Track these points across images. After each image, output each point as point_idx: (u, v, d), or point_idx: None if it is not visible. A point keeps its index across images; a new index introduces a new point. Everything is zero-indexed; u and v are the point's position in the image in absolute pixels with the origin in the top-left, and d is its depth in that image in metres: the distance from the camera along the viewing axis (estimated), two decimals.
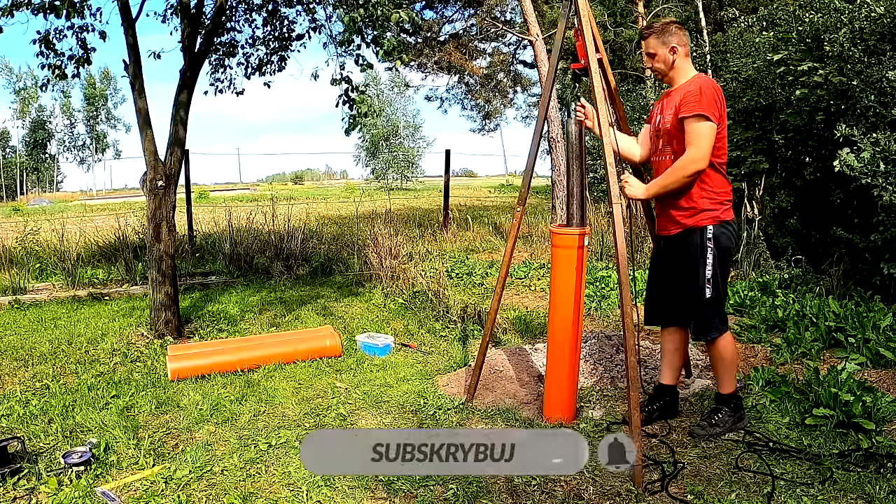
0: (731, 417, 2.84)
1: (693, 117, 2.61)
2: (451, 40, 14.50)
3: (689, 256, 2.76)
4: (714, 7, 13.24)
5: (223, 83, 5.90)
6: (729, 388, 2.87)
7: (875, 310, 4.06)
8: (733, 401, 2.87)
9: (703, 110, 2.59)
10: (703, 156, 2.61)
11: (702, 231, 2.72)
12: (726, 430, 2.82)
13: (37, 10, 3.99)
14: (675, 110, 2.71)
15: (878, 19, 4.67)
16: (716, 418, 2.84)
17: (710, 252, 2.72)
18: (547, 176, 12.70)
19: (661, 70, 2.85)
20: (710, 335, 2.81)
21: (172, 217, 4.58)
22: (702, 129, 2.60)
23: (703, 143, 2.61)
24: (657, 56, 2.81)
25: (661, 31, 2.80)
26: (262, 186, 43.78)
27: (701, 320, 2.79)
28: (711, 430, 2.80)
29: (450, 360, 4.06)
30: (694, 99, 2.62)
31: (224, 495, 2.40)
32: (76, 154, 50.02)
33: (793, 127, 5.54)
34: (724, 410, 2.86)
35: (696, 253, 2.73)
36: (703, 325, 2.80)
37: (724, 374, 2.87)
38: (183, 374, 3.69)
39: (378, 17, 4.19)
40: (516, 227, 3.20)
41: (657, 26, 2.84)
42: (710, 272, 2.72)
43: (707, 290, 2.73)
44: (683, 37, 2.81)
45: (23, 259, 6.98)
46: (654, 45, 2.81)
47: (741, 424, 2.86)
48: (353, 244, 7.42)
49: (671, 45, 2.77)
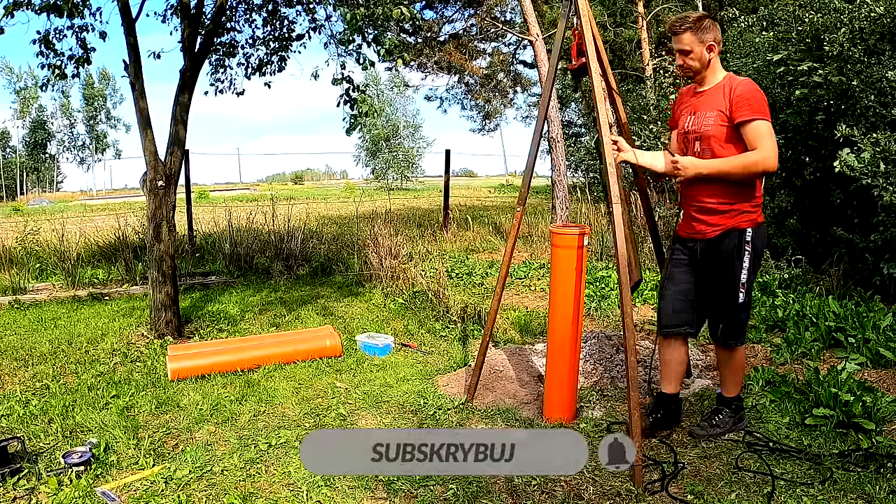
0: (731, 419, 2.84)
1: (752, 120, 2.50)
2: (451, 40, 14.50)
3: (726, 259, 2.66)
4: (714, 7, 13.24)
5: (223, 83, 5.91)
6: (734, 391, 2.87)
7: (875, 310, 4.06)
8: (735, 402, 2.87)
9: (759, 113, 2.50)
10: (774, 154, 2.50)
11: (741, 233, 2.63)
12: (726, 430, 2.82)
13: (38, 10, 3.99)
14: (724, 114, 2.58)
15: (877, 19, 4.67)
16: (717, 419, 2.84)
17: (746, 255, 2.63)
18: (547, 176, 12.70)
19: (694, 68, 2.68)
20: (738, 341, 2.76)
21: (172, 217, 4.58)
22: (766, 128, 2.50)
23: (771, 142, 2.50)
24: (692, 53, 2.63)
25: (698, 25, 2.61)
26: (262, 186, 43.75)
27: (731, 325, 2.72)
28: (712, 431, 2.80)
29: (450, 360, 4.06)
30: (748, 103, 2.52)
31: (224, 495, 2.40)
32: (76, 154, 50.01)
33: (793, 127, 5.53)
34: (725, 412, 2.85)
35: (734, 255, 2.64)
36: (732, 330, 2.73)
37: (733, 378, 2.86)
38: (183, 374, 3.69)
39: (378, 15, 4.19)
40: (516, 227, 3.20)
41: (692, 20, 2.63)
42: (746, 276, 2.64)
43: (741, 294, 2.65)
44: (719, 33, 2.65)
45: (23, 259, 6.98)
46: (689, 42, 2.62)
47: (741, 425, 2.86)
48: (353, 244, 7.42)
49: (709, 43, 2.61)
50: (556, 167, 8.42)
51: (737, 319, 2.71)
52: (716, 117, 2.61)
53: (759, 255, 2.69)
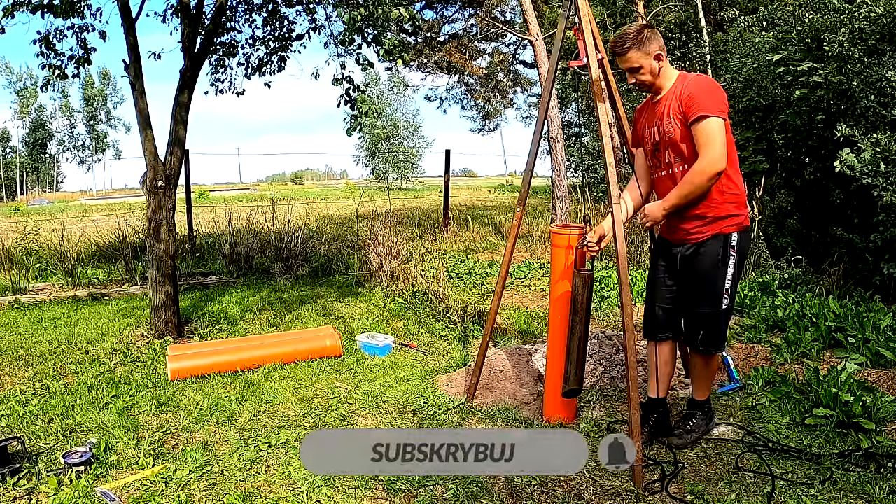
0: (703, 421, 2.84)
1: (700, 119, 2.44)
2: (451, 40, 14.50)
3: (710, 265, 2.60)
4: (714, 7, 13.25)
5: (223, 83, 5.91)
6: (705, 394, 2.87)
7: (875, 310, 4.06)
8: (706, 405, 2.88)
9: (707, 110, 2.43)
10: (720, 155, 2.44)
11: (726, 237, 2.58)
12: (701, 433, 2.81)
13: (32, 9, 3.99)
14: (679, 117, 2.53)
15: (877, 19, 4.67)
16: (691, 424, 2.82)
17: (731, 260, 2.58)
18: (547, 176, 12.70)
19: (647, 82, 2.64)
20: (718, 348, 2.71)
21: (172, 217, 4.58)
22: (713, 126, 2.43)
23: (718, 141, 2.43)
24: (642, 69, 2.60)
25: (638, 40, 2.57)
26: (262, 186, 43.77)
27: (712, 332, 2.67)
28: (689, 437, 2.77)
29: (450, 360, 4.06)
30: (695, 101, 2.46)
31: (224, 495, 2.40)
32: (76, 154, 50.01)
33: (792, 127, 5.54)
34: (697, 415, 2.84)
35: (718, 261, 2.59)
36: (712, 338, 2.68)
37: (705, 382, 2.85)
38: (183, 374, 3.69)
39: (378, 15, 4.19)
40: (516, 227, 3.20)
41: (631, 36, 2.59)
42: (730, 281, 2.60)
43: (724, 300, 2.61)
44: (660, 39, 2.61)
45: (23, 259, 6.98)
46: (636, 58, 2.59)
47: (712, 425, 2.87)
48: (353, 244, 7.41)
49: (655, 53, 2.58)
50: (556, 167, 8.42)
51: (718, 326, 2.67)
52: (674, 121, 2.56)
53: (743, 259, 2.66)
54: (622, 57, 2.63)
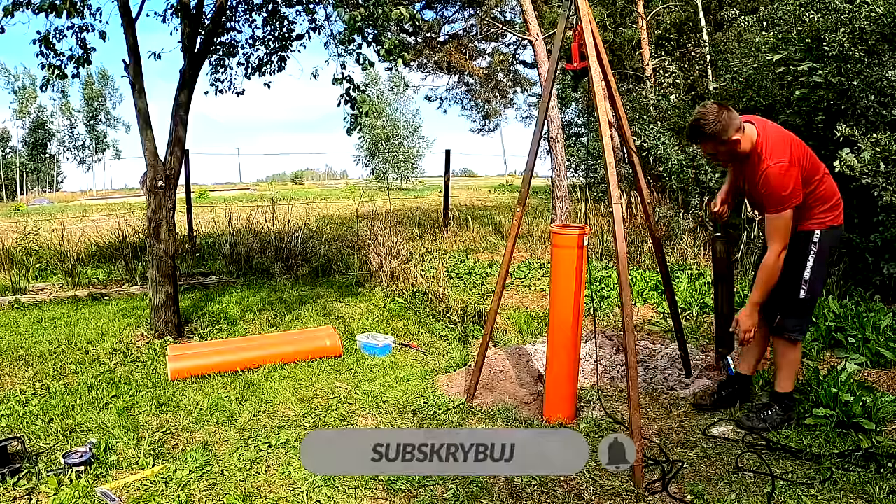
0: (780, 416, 2.87)
1: (770, 214, 2.66)
2: (451, 40, 14.50)
3: (791, 257, 2.75)
4: (714, 7, 13.23)
5: (223, 83, 5.91)
6: (788, 386, 2.91)
7: (875, 310, 4.06)
8: (786, 400, 2.90)
9: (777, 206, 2.61)
10: (782, 248, 2.66)
11: (808, 234, 2.76)
12: (772, 427, 2.83)
13: (36, 10, 3.99)
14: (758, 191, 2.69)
15: (877, 19, 4.67)
16: (766, 414, 2.87)
17: (812, 254, 2.76)
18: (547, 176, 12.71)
19: (725, 161, 2.85)
20: (794, 335, 2.85)
21: (172, 217, 4.58)
22: (778, 223, 2.64)
23: (780, 235, 2.65)
24: (720, 154, 2.74)
25: (716, 129, 2.62)
26: (261, 186, 43.72)
27: (790, 319, 2.84)
28: (758, 424, 2.83)
29: (450, 360, 4.06)
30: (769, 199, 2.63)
31: (224, 495, 2.40)
32: (76, 154, 49.95)
33: (793, 127, 5.52)
34: (774, 408, 2.89)
35: (799, 254, 2.77)
36: (790, 324, 2.84)
37: (785, 372, 2.90)
38: (183, 374, 3.69)
39: (378, 15, 4.19)
40: (516, 227, 3.20)
41: (709, 133, 2.64)
42: (809, 274, 2.77)
43: (802, 291, 2.77)
44: (736, 117, 2.65)
45: (23, 259, 6.98)
46: (714, 147, 2.71)
47: (787, 421, 2.89)
48: (353, 244, 7.41)
49: (733, 137, 2.64)
50: (556, 167, 8.42)
51: (795, 314, 2.83)
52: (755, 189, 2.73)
53: (824, 254, 2.78)
54: (701, 145, 2.80)
